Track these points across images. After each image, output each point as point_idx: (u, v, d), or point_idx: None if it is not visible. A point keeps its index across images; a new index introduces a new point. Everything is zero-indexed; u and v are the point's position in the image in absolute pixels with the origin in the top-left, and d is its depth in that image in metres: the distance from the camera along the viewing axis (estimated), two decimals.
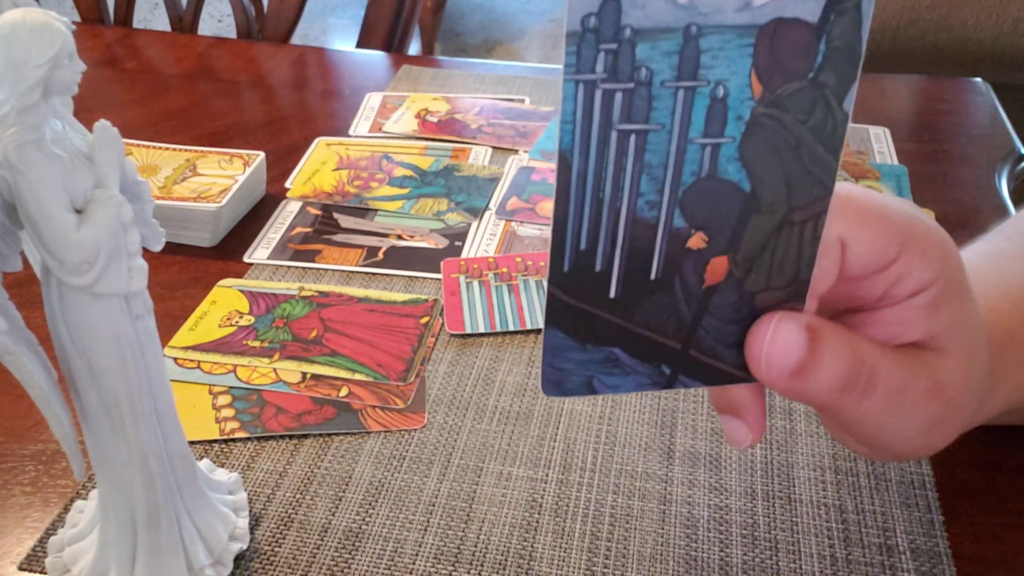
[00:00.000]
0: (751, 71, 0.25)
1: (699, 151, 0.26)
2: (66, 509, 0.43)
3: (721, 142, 0.26)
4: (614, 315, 0.29)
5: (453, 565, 0.41)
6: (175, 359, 0.51)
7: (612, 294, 0.28)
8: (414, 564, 0.41)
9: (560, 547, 0.41)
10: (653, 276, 0.28)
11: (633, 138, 0.26)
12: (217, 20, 2.81)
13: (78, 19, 1.05)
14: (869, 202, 0.30)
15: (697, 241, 0.28)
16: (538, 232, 0.63)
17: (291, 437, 0.47)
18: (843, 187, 0.29)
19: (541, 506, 0.43)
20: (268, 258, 0.60)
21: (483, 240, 0.62)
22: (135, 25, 1.09)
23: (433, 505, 0.43)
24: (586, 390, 0.31)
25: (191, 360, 0.51)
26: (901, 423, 0.31)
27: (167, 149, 0.68)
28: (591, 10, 0.24)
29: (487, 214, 0.65)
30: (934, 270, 0.30)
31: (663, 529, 0.42)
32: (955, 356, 0.31)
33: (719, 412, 0.34)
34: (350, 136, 0.75)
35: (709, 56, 0.25)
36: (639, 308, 0.29)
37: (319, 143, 0.73)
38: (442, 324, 0.54)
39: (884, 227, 0.30)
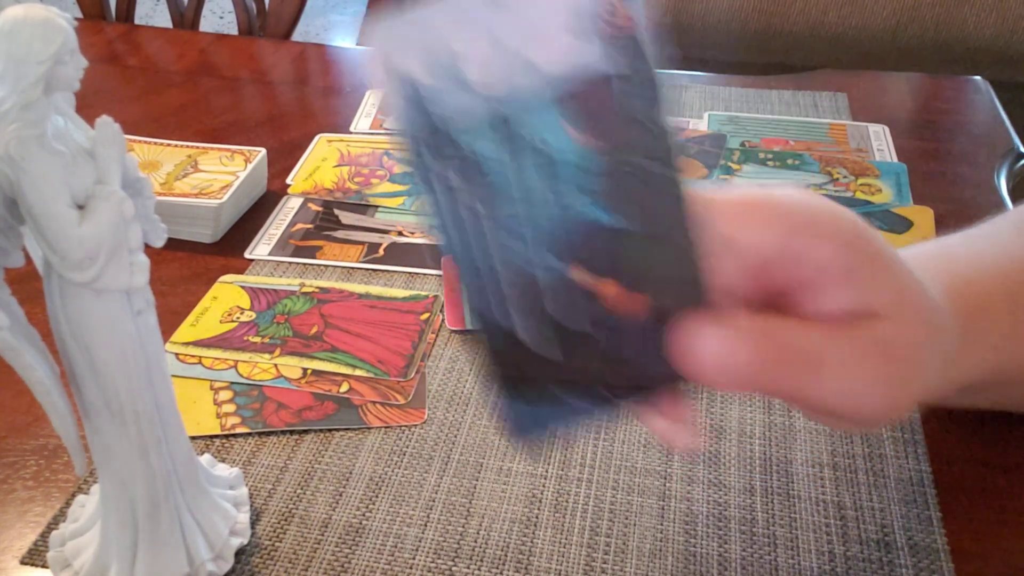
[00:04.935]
0: (567, 127, 0.28)
1: (552, 205, 0.28)
2: (67, 504, 0.43)
3: (566, 192, 0.28)
4: (547, 372, 0.31)
5: (453, 560, 0.41)
6: (176, 355, 0.52)
7: (538, 354, 0.30)
8: (414, 559, 0.41)
9: (559, 543, 0.41)
10: (570, 328, 0.30)
11: (484, 213, 0.28)
12: (219, 17, 2.81)
13: (80, 15, 1.05)
14: (751, 196, 0.32)
15: (592, 283, 0.30)
16: None
17: (292, 433, 0.47)
18: (725, 189, 0.31)
19: (541, 502, 0.43)
20: (269, 254, 0.60)
21: None
22: (136, 21, 1.09)
23: (433, 501, 0.43)
24: (546, 434, 0.32)
25: (192, 356, 0.52)
26: (854, 388, 0.32)
27: (168, 145, 0.68)
28: (416, 136, 0.27)
29: None
30: (833, 246, 0.32)
31: (662, 525, 0.42)
32: (894, 316, 0.32)
33: (643, 423, 0.35)
34: (351, 133, 0.75)
35: (523, 127, 0.28)
36: (567, 358, 0.31)
37: (320, 139, 0.73)
38: (442, 320, 0.54)
39: (767, 215, 0.32)
